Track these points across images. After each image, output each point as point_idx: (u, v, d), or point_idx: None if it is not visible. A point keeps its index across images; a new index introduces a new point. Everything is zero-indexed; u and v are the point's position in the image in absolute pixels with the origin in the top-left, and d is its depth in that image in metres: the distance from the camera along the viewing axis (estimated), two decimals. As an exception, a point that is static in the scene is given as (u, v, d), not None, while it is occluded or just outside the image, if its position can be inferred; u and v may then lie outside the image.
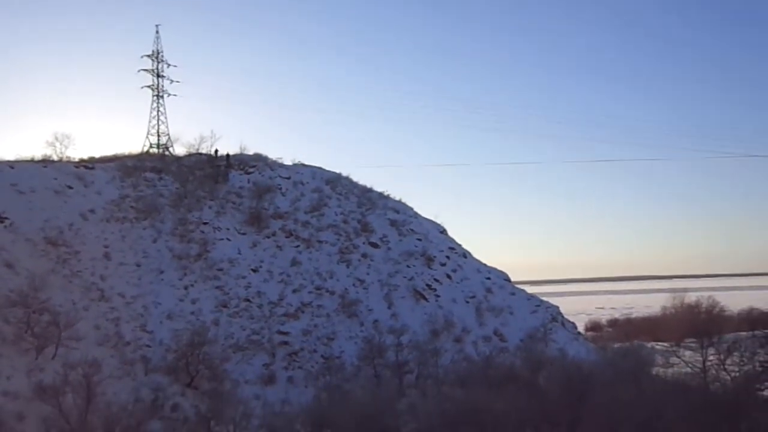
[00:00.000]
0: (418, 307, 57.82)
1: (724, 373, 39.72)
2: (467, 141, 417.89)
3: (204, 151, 69.20)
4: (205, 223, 59.01)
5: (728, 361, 41.30)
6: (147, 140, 73.83)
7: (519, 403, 31.19)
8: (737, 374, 38.27)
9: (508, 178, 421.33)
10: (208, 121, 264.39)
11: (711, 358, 44.04)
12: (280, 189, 66.12)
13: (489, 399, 31.73)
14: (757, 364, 36.52)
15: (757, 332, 44.45)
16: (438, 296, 59.72)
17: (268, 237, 60.43)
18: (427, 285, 60.48)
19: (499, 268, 70.52)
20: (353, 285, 57.85)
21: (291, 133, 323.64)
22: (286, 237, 60.84)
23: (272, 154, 72.52)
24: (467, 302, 60.59)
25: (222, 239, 58.08)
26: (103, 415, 28.30)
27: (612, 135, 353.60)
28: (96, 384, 29.70)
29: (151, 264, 53.01)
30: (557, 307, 67.00)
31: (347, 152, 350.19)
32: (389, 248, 63.34)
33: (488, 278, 66.18)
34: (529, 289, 73.37)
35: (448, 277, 62.88)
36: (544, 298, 69.22)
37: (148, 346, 44.72)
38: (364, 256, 61.45)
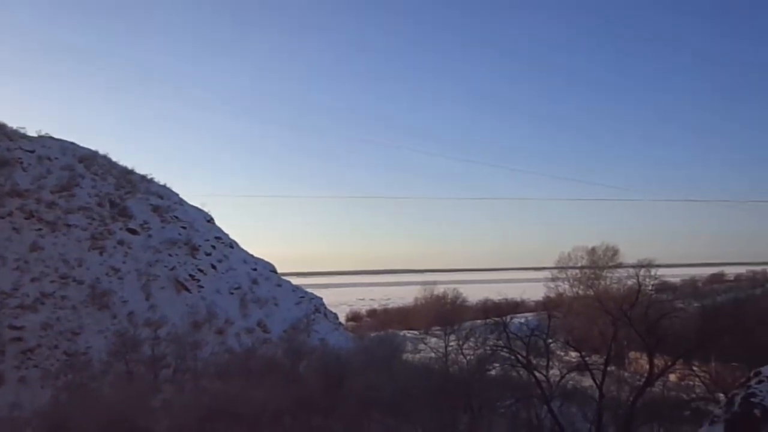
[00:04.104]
0: (179, 298, 55.13)
1: (461, 356, 44.73)
2: (234, 130, 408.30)
3: None
4: None
5: (465, 346, 46.63)
6: None
7: (278, 393, 31.46)
8: (472, 357, 43.36)
9: (276, 170, 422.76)
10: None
11: (452, 343, 49.30)
12: (21, 163, 57.82)
13: (248, 390, 31.49)
14: (488, 348, 41.67)
15: (488, 320, 50.77)
16: (201, 287, 57.62)
17: (3, 217, 52.44)
18: (190, 275, 58.00)
19: (267, 259, 70.68)
20: (106, 274, 53.00)
21: (39, 101, 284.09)
22: (26, 218, 53.39)
23: (13, 123, 63.21)
24: (232, 293, 59.48)
25: (-61, 217, 48.98)
26: None
27: (394, 135, 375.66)
28: None
29: None
30: (321, 299, 69.19)
31: (105, 130, 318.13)
32: (150, 235, 59.36)
33: (255, 269, 65.78)
34: (295, 281, 74.66)
35: (213, 267, 61.07)
36: (309, 290, 70.98)
37: None
38: (121, 242, 56.69)
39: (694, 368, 49.66)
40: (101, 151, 66.64)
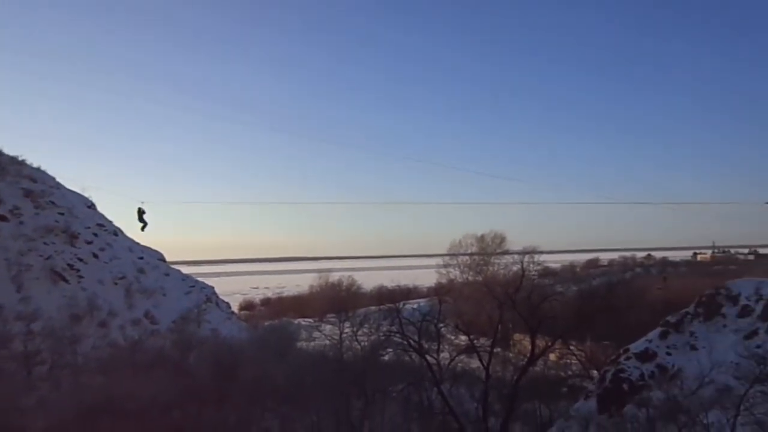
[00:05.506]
0: (56, 289, 51.40)
1: (356, 343, 45.24)
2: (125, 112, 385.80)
3: None
4: None
5: (359, 333, 47.22)
6: None
7: (166, 386, 30.31)
8: (366, 344, 43.97)
9: (168, 160, 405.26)
10: None
11: (346, 330, 49.74)
12: None
13: (134, 385, 30.08)
14: (381, 334, 42.44)
15: (382, 307, 51.61)
16: (81, 277, 54.07)
17: None
18: (69, 265, 54.23)
19: (155, 247, 67.65)
20: (-29, 264, 48.48)
21: None
22: None
23: None
24: (116, 284, 56.34)
25: None
26: None
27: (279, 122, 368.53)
28: None
29: None
30: (212, 288, 67.28)
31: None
32: (21, 222, 54.81)
33: (141, 258, 62.72)
34: (185, 270, 72.09)
35: (95, 256, 57.48)
36: (200, 279, 68.81)
37: None
38: (-12, 230, 52.01)
39: (572, 347, 53.33)
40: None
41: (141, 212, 26.62)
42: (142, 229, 27.44)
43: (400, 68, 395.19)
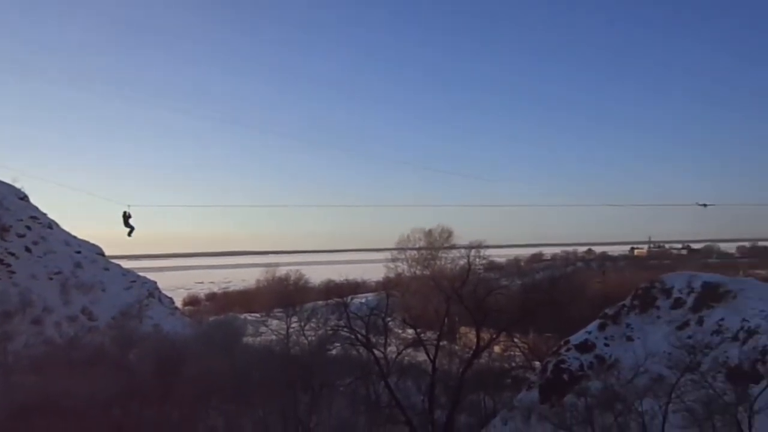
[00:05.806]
0: (-15, 285, 49.11)
1: (303, 338, 44.96)
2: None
3: None
4: None
5: (307, 327, 46.97)
6: None
7: (106, 384, 29.38)
8: (313, 338, 43.76)
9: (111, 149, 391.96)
10: None
11: (294, 325, 49.34)
12: None
13: (71, 383, 29.03)
14: (329, 328, 42.29)
15: (330, 301, 51.49)
16: (13, 272, 51.81)
17: None
18: None
19: (94, 241, 65.38)
20: None
21: None
22: None
23: None
24: (51, 279, 54.22)
25: None
26: None
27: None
28: None
29: None
30: (155, 282, 65.58)
31: None
32: (-52, 214, 52.18)
33: (78, 252, 60.52)
34: (126, 264, 70.07)
35: (28, 250, 55.14)
36: (142, 274, 67.01)
37: None
38: None
39: (516, 340, 54.49)
40: None
41: (127, 216, 24.91)
42: (129, 234, 25.72)
43: (399, 67, 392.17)
